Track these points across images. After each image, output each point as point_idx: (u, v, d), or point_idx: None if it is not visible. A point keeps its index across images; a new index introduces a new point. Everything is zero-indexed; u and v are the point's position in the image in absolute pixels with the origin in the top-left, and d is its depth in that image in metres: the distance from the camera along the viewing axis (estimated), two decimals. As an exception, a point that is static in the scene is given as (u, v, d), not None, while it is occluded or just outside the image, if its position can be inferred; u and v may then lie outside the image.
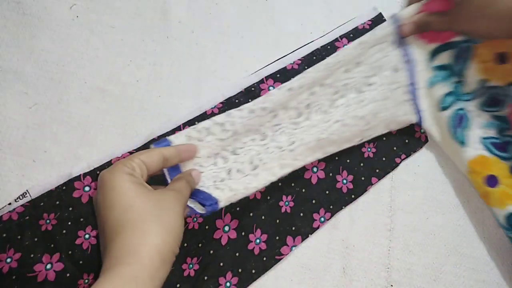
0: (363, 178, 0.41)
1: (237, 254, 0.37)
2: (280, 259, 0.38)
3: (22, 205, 0.34)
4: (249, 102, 0.40)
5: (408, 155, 0.43)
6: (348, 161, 0.41)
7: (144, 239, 0.26)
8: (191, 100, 0.41)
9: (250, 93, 0.41)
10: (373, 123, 0.41)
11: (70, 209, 0.34)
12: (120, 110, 0.40)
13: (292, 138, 0.39)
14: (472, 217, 0.42)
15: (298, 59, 0.43)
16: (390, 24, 0.42)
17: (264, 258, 0.37)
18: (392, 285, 0.39)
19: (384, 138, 0.43)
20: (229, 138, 0.37)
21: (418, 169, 0.43)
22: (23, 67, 0.39)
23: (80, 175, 0.35)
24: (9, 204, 0.34)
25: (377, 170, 0.42)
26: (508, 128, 0.39)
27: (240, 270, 0.37)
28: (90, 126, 0.39)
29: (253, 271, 0.37)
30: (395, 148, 0.43)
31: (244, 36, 0.45)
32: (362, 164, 0.42)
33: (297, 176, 0.40)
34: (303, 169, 0.40)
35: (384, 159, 0.42)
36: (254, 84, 0.41)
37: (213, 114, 0.40)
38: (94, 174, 0.36)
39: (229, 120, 0.37)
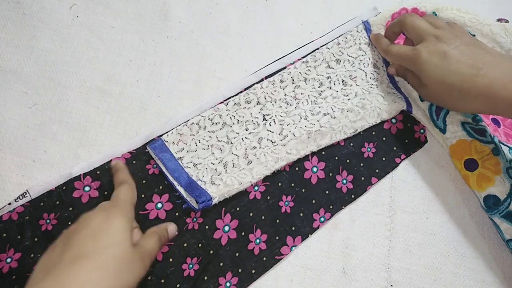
0: (363, 178, 0.41)
1: (237, 254, 0.37)
2: (280, 259, 0.38)
3: (22, 205, 0.34)
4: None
5: (407, 155, 0.43)
6: (348, 161, 0.41)
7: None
8: (191, 100, 0.41)
9: None
10: (363, 114, 0.41)
11: (70, 209, 0.34)
12: (120, 110, 0.40)
13: (284, 131, 0.39)
14: (472, 217, 0.42)
15: (298, 59, 0.43)
16: (363, 28, 0.45)
17: (264, 258, 0.37)
18: (392, 285, 0.39)
19: (384, 138, 0.43)
20: (220, 129, 0.39)
21: (418, 169, 0.43)
22: (23, 67, 0.39)
23: (80, 175, 0.35)
24: (9, 204, 0.34)
25: (377, 170, 0.42)
26: (481, 120, 0.40)
27: (240, 270, 0.37)
28: (90, 126, 0.39)
29: (253, 271, 0.37)
30: (395, 148, 0.43)
31: (244, 36, 0.45)
32: (362, 164, 0.42)
33: (297, 176, 0.40)
34: (303, 169, 0.40)
35: (384, 159, 0.42)
36: (254, 84, 0.41)
37: (213, 114, 0.40)
38: (94, 174, 0.36)
39: (216, 114, 0.39)
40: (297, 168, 0.40)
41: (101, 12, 0.43)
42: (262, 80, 0.42)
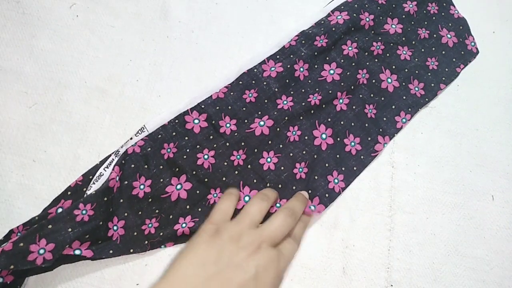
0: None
1: None
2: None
3: (142, 139, 0.37)
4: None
5: (465, 65, 0.47)
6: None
7: None
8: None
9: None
10: None
11: (186, 138, 0.38)
12: (120, 110, 0.40)
13: None
14: (472, 217, 0.42)
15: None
16: None
17: None
18: (392, 285, 0.39)
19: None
20: None
21: (418, 169, 0.43)
22: (23, 67, 0.39)
23: (187, 110, 0.39)
24: (131, 138, 0.38)
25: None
26: None
27: None
28: (90, 126, 0.39)
29: None
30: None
31: (244, 36, 0.45)
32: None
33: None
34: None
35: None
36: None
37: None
38: (199, 108, 0.39)
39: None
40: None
41: (101, 12, 0.43)
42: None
